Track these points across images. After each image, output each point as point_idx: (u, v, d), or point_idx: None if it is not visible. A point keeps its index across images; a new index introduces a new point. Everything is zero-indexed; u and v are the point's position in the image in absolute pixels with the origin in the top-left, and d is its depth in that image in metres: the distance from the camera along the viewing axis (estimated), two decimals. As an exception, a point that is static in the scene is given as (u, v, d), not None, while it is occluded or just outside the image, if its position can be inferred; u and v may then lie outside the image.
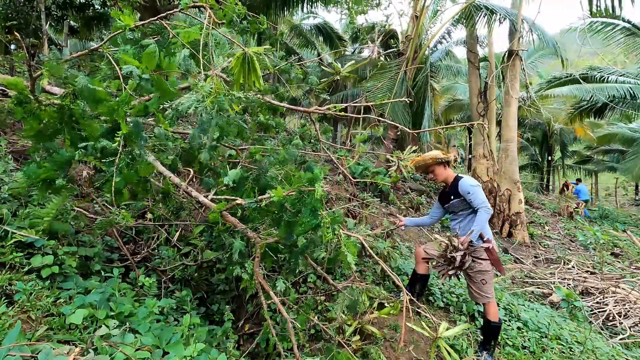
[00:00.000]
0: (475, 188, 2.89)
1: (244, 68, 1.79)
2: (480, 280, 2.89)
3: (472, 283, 2.92)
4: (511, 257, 6.73)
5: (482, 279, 2.89)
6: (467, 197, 2.91)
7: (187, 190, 2.28)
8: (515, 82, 8.59)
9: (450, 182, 3.08)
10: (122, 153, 1.76)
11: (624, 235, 9.13)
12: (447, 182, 3.11)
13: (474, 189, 2.88)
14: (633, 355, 3.41)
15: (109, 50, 2.03)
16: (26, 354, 1.47)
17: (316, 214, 1.80)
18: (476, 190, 2.88)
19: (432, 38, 9.84)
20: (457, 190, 2.97)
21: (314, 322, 2.62)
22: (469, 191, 2.88)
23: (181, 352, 1.85)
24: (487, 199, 2.92)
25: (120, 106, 1.75)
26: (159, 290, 2.80)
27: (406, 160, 3.34)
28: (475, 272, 2.87)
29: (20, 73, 5.59)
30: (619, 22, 9.71)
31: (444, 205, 3.18)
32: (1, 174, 2.82)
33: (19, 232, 2.17)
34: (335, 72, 3.95)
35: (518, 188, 8.58)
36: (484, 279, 2.88)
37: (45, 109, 1.84)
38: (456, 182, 3.00)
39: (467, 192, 2.90)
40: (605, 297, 4.79)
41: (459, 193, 2.95)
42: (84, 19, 9.33)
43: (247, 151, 3.27)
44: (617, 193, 18.73)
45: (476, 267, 2.86)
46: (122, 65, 1.88)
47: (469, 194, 2.88)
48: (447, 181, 3.11)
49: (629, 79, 12.68)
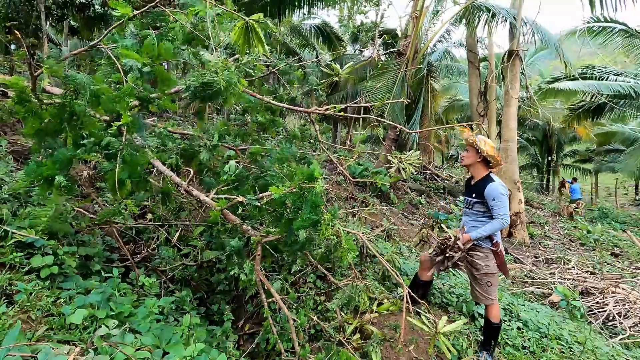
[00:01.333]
0: (502, 197, 2.72)
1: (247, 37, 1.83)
2: (485, 282, 2.86)
3: (477, 284, 2.90)
4: (511, 257, 6.73)
5: (487, 281, 2.86)
6: (489, 202, 2.76)
7: (188, 190, 2.29)
8: (515, 82, 8.60)
9: (478, 178, 2.90)
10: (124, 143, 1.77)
11: (624, 235, 9.14)
12: (473, 174, 2.94)
13: (500, 198, 2.72)
14: (633, 355, 3.41)
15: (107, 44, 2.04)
16: (26, 354, 1.47)
17: (317, 210, 1.80)
18: (503, 199, 2.72)
19: (432, 38, 9.85)
20: (482, 192, 2.80)
21: (314, 321, 2.62)
22: (494, 198, 2.73)
23: (181, 352, 1.85)
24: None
25: (122, 97, 1.75)
26: (159, 290, 2.80)
27: (406, 161, 3.32)
28: (482, 273, 2.84)
29: (20, 73, 5.59)
30: (616, 25, 9.76)
31: (464, 195, 3.07)
32: (1, 174, 2.82)
33: (19, 232, 2.17)
34: (335, 74, 3.95)
35: (518, 188, 8.59)
36: (490, 281, 2.85)
37: (47, 108, 1.85)
38: (484, 183, 2.81)
39: (492, 199, 2.74)
40: (605, 297, 4.79)
41: (483, 195, 2.79)
42: (84, 19, 9.33)
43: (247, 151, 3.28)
44: (617, 193, 18.73)
45: (483, 269, 2.82)
46: (123, 60, 1.89)
47: (493, 200, 2.73)
48: (474, 173, 2.93)
49: (629, 79, 12.70)
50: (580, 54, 10.86)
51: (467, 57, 9.93)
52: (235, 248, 2.31)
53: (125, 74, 1.88)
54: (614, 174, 19.44)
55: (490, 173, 2.88)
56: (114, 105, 1.74)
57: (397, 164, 3.29)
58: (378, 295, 3.13)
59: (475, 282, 2.91)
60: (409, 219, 7.10)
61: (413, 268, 4.08)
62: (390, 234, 5.01)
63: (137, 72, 1.84)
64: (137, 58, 1.86)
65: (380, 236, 4.27)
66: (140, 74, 1.85)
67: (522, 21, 8.26)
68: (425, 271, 3.21)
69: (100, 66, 2.19)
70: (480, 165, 2.88)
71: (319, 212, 1.80)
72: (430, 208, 8.69)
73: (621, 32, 9.88)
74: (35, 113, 1.81)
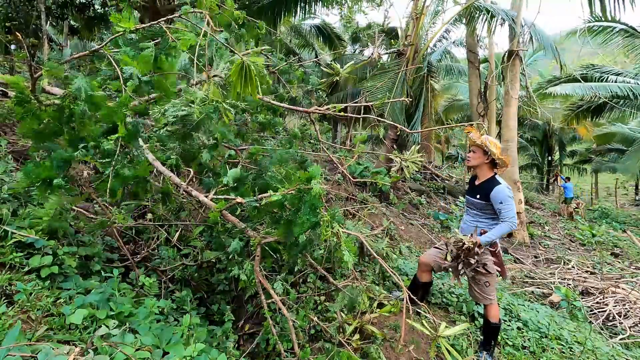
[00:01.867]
0: (509, 200, 2.69)
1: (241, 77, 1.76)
2: (484, 282, 2.85)
3: (475, 284, 2.89)
4: (511, 257, 6.73)
5: (485, 281, 2.85)
6: (496, 205, 2.72)
7: (187, 190, 2.29)
8: (515, 82, 8.60)
9: (483, 179, 2.87)
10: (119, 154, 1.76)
11: (624, 235, 9.14)
12: (479, 175, 2.91)
13: (508, 201, 2.68)
14: (633, 355, 3.41)
15: (110, 51, 2.03)
16: (26, 354, 1.47)
17: (316, 212, 1.80)
18: (510, 202, 2.69)
19: (432, 38, 9.85)
20: (487, 193, 2.76)
21: (314, 321, 2.62)
22: (501, 201, 2.68)
23: (181, 352, 1.85)
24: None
25: (119, 108, 1.75)
26: (159, 290, 2.80)
27: (408, 160, 3.30)
28: (480, 274, 2.83)
29: (20, 73, 5.59)
30: (617, 25, 9.75)
31: (466, 195, 3.05)
32: (1, 174, 2.82)
33: (19, 232, 2.17)
34: (335, 73, 3.95)
35: (518, 188, 8.59)
36: (488, 282, 2.85)
37: (46, 109, 1.84)
38: (490, 185, 2.77)
39: (499, 202, 2.70)
40: (605, 297, 4.79)
41: (489, 197, 2.74)
42: (85, 19, 9.33)
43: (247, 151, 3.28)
44: (617, 193, 18.73)
45: (481, 270, 2.81)
46: (123, 67, 1.88)
47: (501, 204, 2.69)
48: (480, 174, 2.90)
49: (628, 79, 12.70)
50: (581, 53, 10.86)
51: (467, 57, 9.93)
52: (236, 249, 2.31)
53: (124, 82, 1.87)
54: (614, 174, 19.44)
55: (495, 175, 2.85)
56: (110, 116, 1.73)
57: (400, 162, 3.27)
58: (378, 296, 3.13)
59: (474, 282, 2.90)
60: (409, 219, 7.10)
61: (413, 268, 4.08)
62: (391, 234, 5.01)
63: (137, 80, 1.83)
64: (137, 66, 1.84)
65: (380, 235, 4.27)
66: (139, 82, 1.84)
67: (521, 22, 8.26)
68: (424, 273, 3.18)
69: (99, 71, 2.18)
70: (487, 166, 2.85)
71: (318, 213, 1.80)
72: (430, 208, 8.69)
73: (621, 31, 9.88)
74: (34, 114, 1.80)
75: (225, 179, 2.12)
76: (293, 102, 3.84)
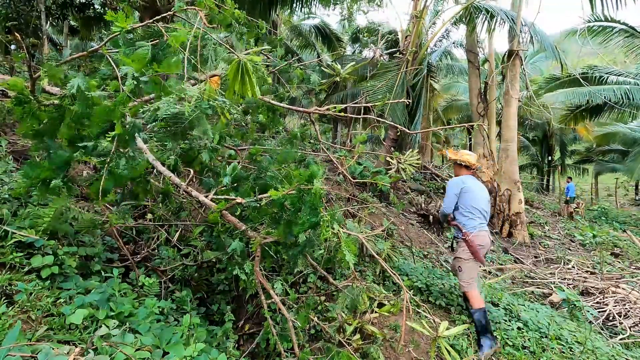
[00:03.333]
0: (448, 190, 3.28)
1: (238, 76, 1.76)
2: (457, 267, 3.18)
3: (454, 273, 3.30)
4: (511, 257, 6.72)
5: (458, 266, 3.16)
6: None
7: (187, 190, 2.28)
8: (515, 82, 8.60)
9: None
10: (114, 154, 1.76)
11: (624, 235, 9.13)
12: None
13: (447, 190, 3.29)
14: (633, 355, 3.40)
15: (107, 52, 2.02)
16: (26, 354, 1.47)
17: (316, 212, 1.80)
18: (448, 192, 3.27)
19: (432, 38, 9.84)
20: None
21: (314, 321, 2.62)
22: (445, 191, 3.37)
23: (181, 352, 1.85)
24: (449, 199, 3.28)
25: (116, 107, 1.74)
26: (159, 290, 2.80)
27: (406, 162, 3.39)
28: (453, 259, 3.27)
29: (19, 73, 5.59)
30: (617, 25, 9.75)
31: None
32: (1, 174, 2.82)
33: (19, 232, 2.17)
34: (335, 74, 3.96)
35: (518, 188, 8.58)
36: (460, 266, 3.14)
37: (45, 109, 1.84)
38: None
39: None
40: (605, 297, 4.79)
41: None
42: (84, 19, 9.33)
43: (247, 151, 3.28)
44: (617, 193, 18.72)
45: (454, 255, 3.28)
46: (122, 66, 1.87)
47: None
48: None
49: (628, 79, 12.69)
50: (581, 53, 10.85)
51: (467, 57, 9.92)
52: (237, 250, 2.30)
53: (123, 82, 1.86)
54: (613, 174, 19.43)
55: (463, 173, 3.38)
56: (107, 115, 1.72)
57: (397, 164, 3.35)
58: (378, 296, 3.13)
59: (453, 271, 3.32)
60: (409, 219, 7.10)
61: (413, 268, 4.08)
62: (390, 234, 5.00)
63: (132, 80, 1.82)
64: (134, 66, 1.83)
65: (380, 236, 4.26)
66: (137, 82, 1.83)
67: (521, 22, 8.25)
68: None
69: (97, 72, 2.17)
70: (459, 170, 3.43)
71: (318, 213, 1.80)
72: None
73: (621, 31, 9.87)
74: (33, 114, 1.80)
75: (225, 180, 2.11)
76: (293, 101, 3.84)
